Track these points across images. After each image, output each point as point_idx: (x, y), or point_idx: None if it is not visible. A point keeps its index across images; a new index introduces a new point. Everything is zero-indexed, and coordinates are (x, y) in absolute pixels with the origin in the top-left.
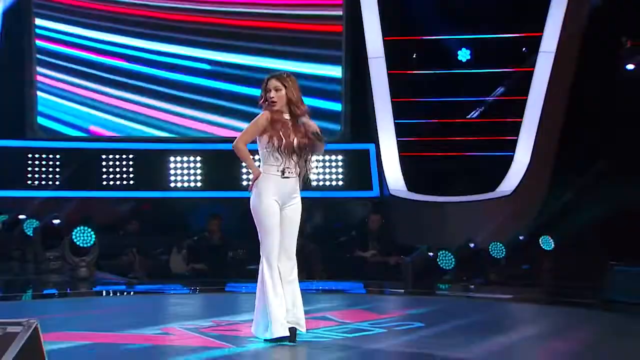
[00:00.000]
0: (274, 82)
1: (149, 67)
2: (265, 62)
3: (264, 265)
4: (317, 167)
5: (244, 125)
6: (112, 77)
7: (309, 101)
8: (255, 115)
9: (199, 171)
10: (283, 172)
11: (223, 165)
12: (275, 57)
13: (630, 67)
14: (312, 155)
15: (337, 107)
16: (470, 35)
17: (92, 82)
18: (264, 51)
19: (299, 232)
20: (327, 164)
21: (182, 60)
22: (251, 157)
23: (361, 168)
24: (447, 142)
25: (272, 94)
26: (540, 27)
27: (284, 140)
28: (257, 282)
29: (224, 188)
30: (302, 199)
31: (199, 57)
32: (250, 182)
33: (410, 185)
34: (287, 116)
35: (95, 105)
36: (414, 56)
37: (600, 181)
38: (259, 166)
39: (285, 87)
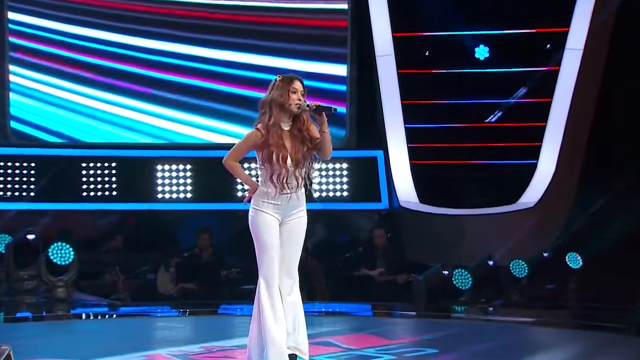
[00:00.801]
0: (300, 85)
1: (134, 66)
2: (261, 60)
3: (261, 286)
4: (319, 175)
5: (239, 129)
6: (93, 77)
7: None
8: (253, 118)
9: (188, 181)
10: (282, 186)
11: (215, 175)
12: (272, 55)
13: None
14: (313, 165)
15: (341, 109)
16: (488, 30)
17: (72, 82)
18: (260, 48)
19: None
20: (331, 172)
21: (170, 58)
22: (244, 170)
23: (368, 177)
24: (464, 149)
25: (300, 96)
26: (567, 22)
27: (280, 154)
28: (253, 303)
29: (216, 199)
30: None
31: (189, 55)
32: (245, 194)
33: (423, 196)
34: (286, 126)
35: (75, 109)
36: (427, 54)
37: (632, 192)
38: (258, 180)
39: (304, 94)
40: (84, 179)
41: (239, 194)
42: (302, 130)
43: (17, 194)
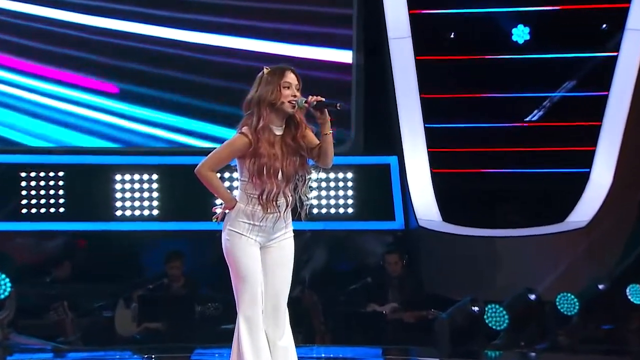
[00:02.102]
0: (294, 77)
1: (87, 52)
2: (244, 44)
3: (241, 326)
4: (318, 187)
5: (220, 131)
6: (31, 63)
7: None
8: (235, 116)
9: (155, 194)
10: (271, 205)
11: (189, 187)
12: (256, 37)
13: None
14: (307, 180)
15: (345, 105)
16: (529, 7)
17: (3, 70)
18: (241, 29)
19: (293, 278)
20: (332, 184)
21: (134, 42)
22: (221, 183)
23: (379, 190)
24: (497, 155)
25: (295, 91)
26: None
27: (273, 166)
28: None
29: (190, 217)
30: (296, 233)
31: (157, 38)
32: (218, 212)
33: (447, 213)
34: (278, 130)
35: (10, 103)
36: (451, 36)
37: None
38: (236, 195)
39: (299, 88)
40: (24, 192)
41: (219, 210)
42: (297, 137)
43: None
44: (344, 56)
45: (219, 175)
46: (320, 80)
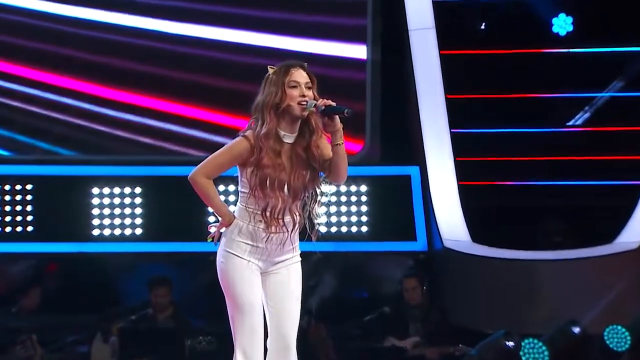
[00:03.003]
0: (302, 75)
1: (61, 45)
2: (246, 38)
3: None
4: (328, 202)
5: (216, 139)
6: None
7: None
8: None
9: (138, 211)
10: (275, 223)
11: (178, 202)
12: (263, 30)
13: None
14: (318, 198)
15: (358, 107)
16: None
17: None
18: (240, 20)
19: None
20: (344, 198)
21: (117, 35)
22: (219, 194)
23: (398, 205)
24: (535, 165)
25: (304, 90)
26: None
27: (277, 178)
28: None
29: (179, 237)
30: (303, 254)
31: (146, 30)
32: (213, 231)
33: (477, 232)
34: (289, 138)
35: None
36: (482, 27)
37: None
38: (235, 211)
39: (312, 83)
40: None
41: (213, 229)
42: (310, 146)
43: None
44: (357, 51)
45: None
46: (329, 79)
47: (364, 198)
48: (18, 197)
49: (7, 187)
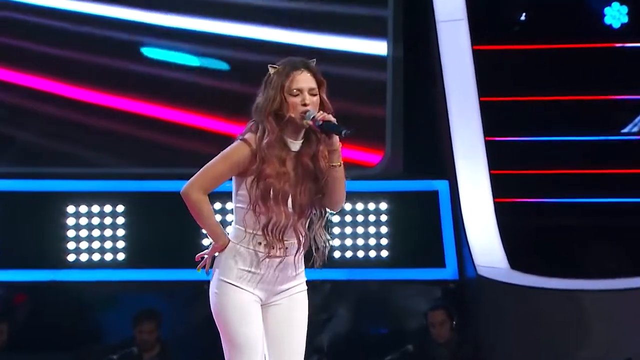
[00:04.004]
0: (307, 78)
1: (33, 42)
2: (248, 31)
3: None
4: (340, 221)
5: (213, 150)
6: None
7: None
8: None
9: (121, 232)
10: (278, 241)
11: (166, 222)
12: (268, 24)
13: None
14: (326, 216)
15: (378, 111)
16: None
17: None
18: (248, 12)
19: (307, 345)
20: (361, 218)
21: (101, 29)
22: (214, 214)
23: (423, 226)
24: (585, 179)
25: (307, 98)
26: None
27: (282, 189)
28: None
29: (167, 264)
30: (311, 284)
31: (132, 23)
32: (204, 258)
33: (516, 258)
34: (296, 146)
35: None
36: (522, 18)
37: None
38: (230, 233)
39: (320, 86)
40: None
41: (207, 255)
42: (318, 156)
43: None
44: (376, 47)
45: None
46: (343, 79)
47: (383, 217)
48: None
49: None
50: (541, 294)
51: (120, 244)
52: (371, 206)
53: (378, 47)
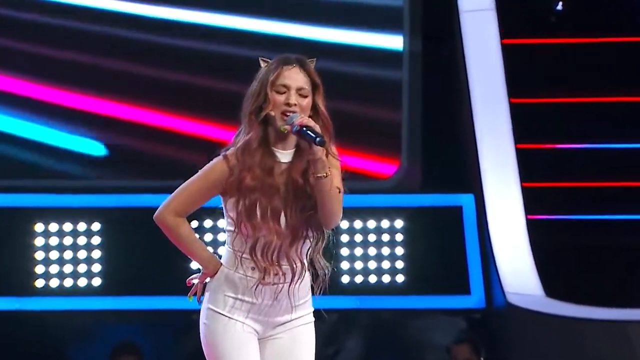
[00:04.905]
0: (297, 75)
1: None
2: (248, 23)
3: None
4: (348, 240)
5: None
6: None
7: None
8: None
9: (96, 254)
10: (270, 265)
11: (148, 241)
12: (272, 17)
13: None
14: (325, 238)
15: (392, 115)
16: None
17: None
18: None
19: None
20: (373, 237)
21: (85, 22)
22: (197, 237)
23: (445, 246)
24: (630, 193)
25: (293, 98)
26: None
27: (270, 206)
28: None
29: (149, 290)
30: (314, 314)
31: (121, 14)
32: (195, 283)
33: (552, 283)
34: (285, 156)
35: None
36: (558, 7)
37: None
38: (222, 256)
39: (315, 89)
40: None
41: (195, 281)
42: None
43: None
44: (391, 41)
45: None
46: (351, 77)
47: (399, 237)
48: None
49: None
50: (583, 326)
51: (96, 268)
52: (385, 224)
53: (392, 41)
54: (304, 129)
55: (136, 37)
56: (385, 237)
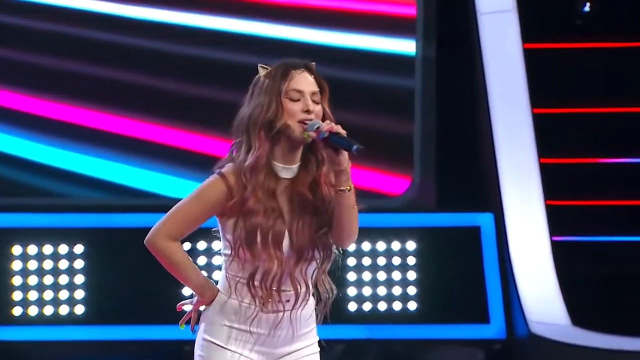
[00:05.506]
0: (307, 81)
1: None
2: (249, 27)
3: None
4: (356, 264)
5: (197, 175)
6: None
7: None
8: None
9: (80, 280)
10: (269, 295)
11: (137, 266)
12: (277, 21)
13: None
14: (332, 258)
15: (403, 126)
16: None
17: None
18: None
19: None
20: (382, 260)
21: (78, 26)
22: (191, 261)
23: (461, 271)
24: None
25: (311, 104)
26: None
27: (272, 230)
28: None
29: (137, 319)
30: (323, 344)
31: (116, 17)
32: (189, 310)
33: (579, 311)
34: (287, 173)
35: None
36: (585, 9)
37: None
38: (218, 282)
39: (322, 94)
40: None
41: (186, 307)
42: (319, 184)
43: None
44: (403, 46)
45: (187, 246)
46: (361, 85)
47: (411, 260)
48: None
49: None
50: (613, 358)
51: (79, 294)
52: (395, 246)
53: (404, 46)
54: (334, 136)
55: (118, 40)
56: (396, 261)
